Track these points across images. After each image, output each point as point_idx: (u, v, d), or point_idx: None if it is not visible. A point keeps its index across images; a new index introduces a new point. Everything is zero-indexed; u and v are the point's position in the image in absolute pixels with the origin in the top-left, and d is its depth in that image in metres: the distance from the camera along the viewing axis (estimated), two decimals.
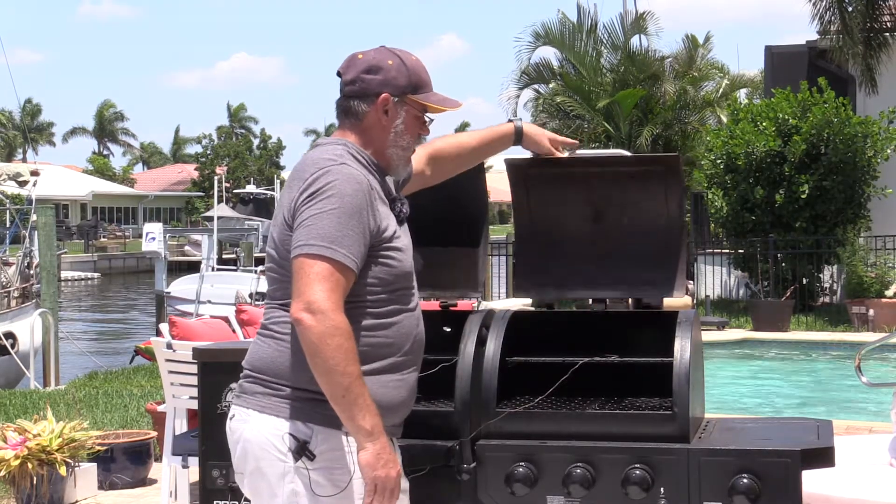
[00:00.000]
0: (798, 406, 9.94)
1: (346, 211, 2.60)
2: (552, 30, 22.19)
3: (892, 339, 10.18)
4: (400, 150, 2.78)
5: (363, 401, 2.54)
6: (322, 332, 2.51)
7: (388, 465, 2.56)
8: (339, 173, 2.64)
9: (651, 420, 2.99)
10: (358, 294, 2.65)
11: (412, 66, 2.78)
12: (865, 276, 14.70)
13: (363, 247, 2.62)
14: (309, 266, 2.56)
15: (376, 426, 2.55)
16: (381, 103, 2.75)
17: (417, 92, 2.77)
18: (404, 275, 2.73)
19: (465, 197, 3.41)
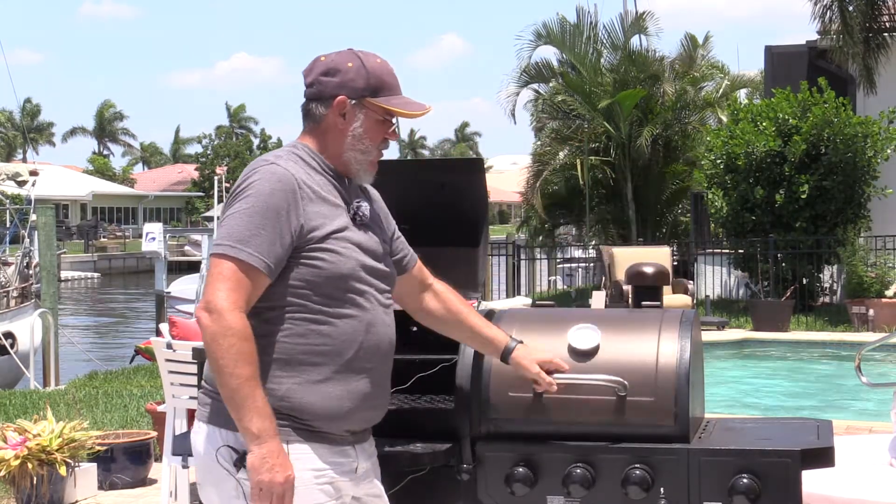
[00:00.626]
0: (798, 406, 9.94)
1: (261, 210, 2.57)
2: (553, 29, 22.18)
3: (892, 339, 10.18)
4: (358, 154, 2.73)
5: (251, 403, 2.49)
6: (215, 332, 2.50)
7: (273, 469, 2.50)
8: (263, 172, 2.62)
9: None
10: (281, 297, 2.61)
11: (373, 68, 2.73)
12: (865, 276, 14.70)
13: (279, 247, 2.57)
14: (215, 266, 2.55)
15: (264, 430, 2.49)
16: (338, 106, 2.71)
17: (377, 95, 2.72)
18: (338, 277, 2.63)
19: (466, 197, 3.41)
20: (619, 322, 3.21)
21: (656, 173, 22.14)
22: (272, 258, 2.56)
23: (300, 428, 2.61)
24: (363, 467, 2.72)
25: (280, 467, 2.50)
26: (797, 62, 18.84)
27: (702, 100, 22.76)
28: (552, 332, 3.15)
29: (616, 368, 3.01)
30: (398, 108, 2.72)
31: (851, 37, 15.52)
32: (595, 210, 22.43)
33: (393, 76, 2.75)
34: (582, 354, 3.05)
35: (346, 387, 2.64)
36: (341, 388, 2.64)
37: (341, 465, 2.66)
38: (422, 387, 3.25)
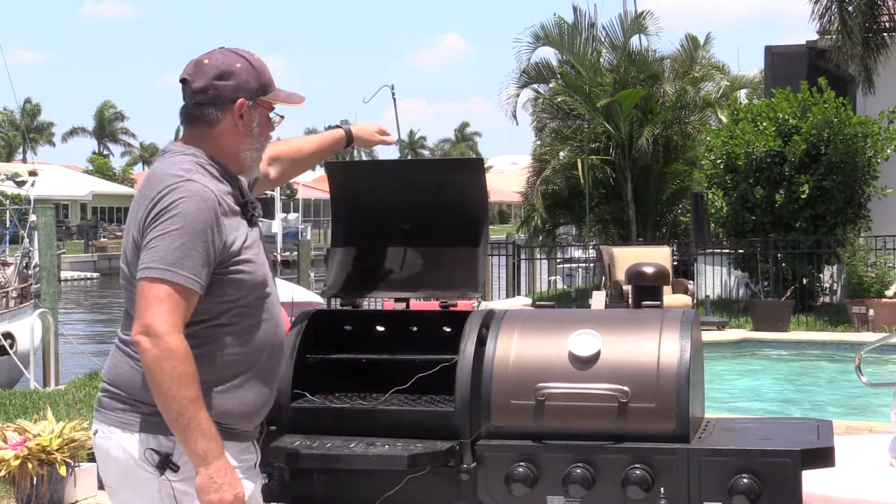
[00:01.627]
0: (798, 406, 9.94)
1: (190, 231, 2.60)
2: (551, 31, 22.18)
3: (892, 339, 10.18)
4: (254, 152, 2.82)
5: (196, 424, 2.54)
6: (157, 356, 2.53)
7: (221, 488, 2.55)
8: (185, 191, 2.63)
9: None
10: (209, 311, 2.66)
11: (259, 66, 2.80)
12: (865, 276, 14.70)
13: (208, 266, 2.62)
14: (149, 289, 2.57)
15: (210, 451, 2.55)
16: (237, 109, 2.75)
17: (267, 92, 2.80)
18: (257, 285, 2.73)
19: (466, 197, 3.41)
20: (619, 323, 3.21)
21: (656, 173, 22.14)
22: (204, 278, 2.62)
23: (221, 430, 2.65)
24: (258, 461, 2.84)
25: (228, 485, 2.56)
26: (797, 62, 18.83)
27: (702, 100, 22.75)
28: (552, 333, 3.15)
29: (617, 373, 3.01)
30: (286, 101, 2.83)
31: (851, 37, 15.51)
32: (595, 210, 22.43)
33: (269, 72, 2.84)
34: (583, 361, 3.05)
35: (259, 389, 2.75)
36: (256, 388, 2.74)
37: (249, 461, 2.76)
38: (422, 387, 3.25)
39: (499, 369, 3.09)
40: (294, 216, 51.37)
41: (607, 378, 3.00)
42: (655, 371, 3.00)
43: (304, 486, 3.22)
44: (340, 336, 3.46)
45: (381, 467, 2.99)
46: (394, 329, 3.50)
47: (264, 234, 2.96)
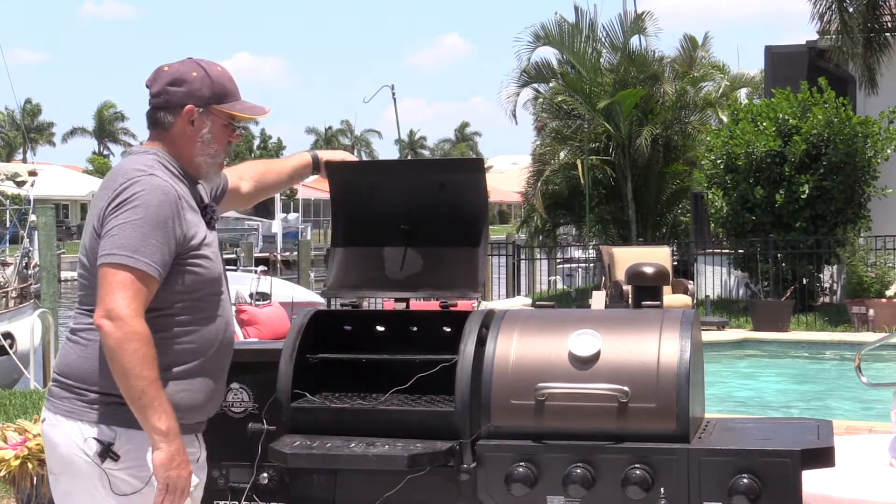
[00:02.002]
0: (798, 406, 9.94)
1: (150, 221, 2.71)
2: (551, 30, 22.18)
3: (892, 339, 10.18)
4: (209, 158, 2.92)
5: (158, 403, 2.67)
6: (120, 338, 2.64)
7: (180, 465, 2.70)
8: (146, 184, 2.75)
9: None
10: (165, 301, 2.77)
11: (216, 76, 2.89)
12: (865, 276, 14.70)
13: (167, 255, 2.74)
14: (111, 275, 2.68)
15: (171, 428, 2.68)
16: (186, 114, 2.87)
17: (222, 102, 2.89)
18: (211, 281, 2.85)
19: (466, 197, 3.41)
20: (619, 323, 3.21)
21: (656, 173, 22.14)
22: (163, 266, 2.73)
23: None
24: (202, 456, 2.93)
25: (185, 463, 2.72)
26: (797, 62, 18.83)
27: (702, 100, 22.76)
28: (552, 333, 3.15)
29: (617, 373, 3.01)
30: (243, 113, 2.92)
31: (851, 37, 15.51)
32: (595, 210, 22.43)
33: (233, 83, 2.94)
34: (583, 361, 3.05)
35: (205, 382, 2.86)
36: (201, 383, 2.85)
37: (193, 455, 2.85)
38: (422, 387, 3.25)
39: (499, 369, 3.09)
40: (294, 216, 51.38)
41: (607, 378, 3.01)
42: (655, 371, 3.00)
43: (304, 486, 3.22)
44: (340, 336, 3.46)
45: (381, 467, 2.99)
46: (394, 329, 3.49)
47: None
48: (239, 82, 3.01)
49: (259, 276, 18.97)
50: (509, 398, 3.06)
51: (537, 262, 23.84)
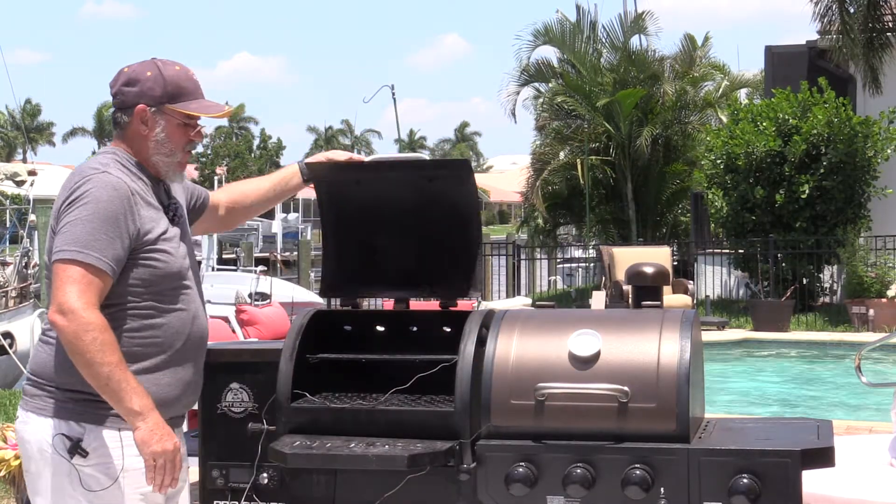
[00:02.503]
0: (798, 406, 9.95)
1: (101, 216, 2.76)
2: (552, 29, 22.19)
3: (892, 339, 10.19)
4: (164, 157, 2.93)
5: (126, 384, 2.70)
6: (75, 330, 2.68)
7: (163, 439, 2.74)
8: (97, 181, 2.80)
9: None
10: (121, 295, 2.81)
11: (171, 76, 2.91)
12: (865, 276, 14.71)
13: (120, 250, 2.78)
14: (62, 270, 2.73)
15: (145, 405, 2.72)
16: (138, 114, 2.90)
17: (175, 101, 2.90)
18: (171, 275, 2.87)
19: (456, 199, 3.40)
20: (619, 323, 3.20)
21: (656, 173, 22.15)
22: (115, 260, 2.77)
23: None
24: (182, 451, 2.95)
25: (168, 436, 2.76)
26: (797, 62, 18.84)
27: (702, 100, 22.76)
28: (552, 333, 3.15)
29: (617, 373, 3.01)
30: (196, 112, 2.92)
31: (851, 37, 15.51)
32: (595, 210, 22.43)
33: (191, 81, 2.94)
34: (583, 361, 3.05)
35: (174, 376, 2.89)
36: (170, 376, 2.88)
37: None
38: (422, 387, 3.25)
39: (499, 369, 3.09)
40: (294, 216, 51.35)
41: (607, 378, 3.00)
42: (655, 371, 3.00)
43: (304, 486, 3.22)
44: (340, 336, 3.46)
45: (381, 467, 2.99)
46: (394, 329, 3.49)
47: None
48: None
49: (259, 276, 18.97)
50: (509, 398, 3.06)
51: (537, 262, 23.85)
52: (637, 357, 3.04)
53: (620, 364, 3.03)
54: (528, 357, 3.10)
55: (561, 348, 3.09)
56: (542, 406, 3.02)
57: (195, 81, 2.95)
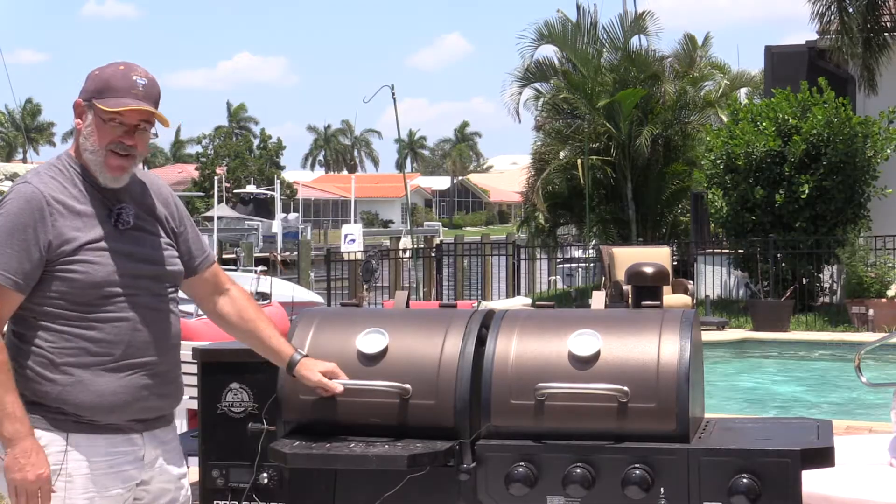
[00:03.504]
0: (798, 406, 9.94)
1: (7, 229, 2.74)
2: (554, 28, 22.19)
3: (892, 339, 10.18)
4: (90, 155, 2.88)
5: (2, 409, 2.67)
6: None
7: (24, 468, 2.68)
8: (14, 193, 2.81)
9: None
10: (42, 305, 2.79)
11: (108, 73, 2.88)
12: (865, 276, 14.70)
13: (27, 263, 2.74)
14: None
15: (16, 432, 2.68)
16: (76, 108, 2.90)
17: (100, 97, 2.85)
18: (94, 285, 2.80)
19: None
20: (619, 323, 3.21)
21: (656, 173, 22.14)
22: (20, 275, 2.74)
23: (82, 423, 2.80)
24: (151, 454, 2.92)
25: (31, 466, 2.70)
26: (797, 62, 18.83)
27: (702, 99, 22.75)
28: (552, 333, 3.15)
29: (617, 373, 3.01)
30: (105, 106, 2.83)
31: (850, 37, 15.50)
32: (595, 210, 22.43)
33: (127, 80, 2.86)
34: (583, 361, 3.05)
35: (119, 382, 2.83)
36: (115, 383, 2.82)
37: (125, 454, 2.86)
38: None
39: (499, 369, 3.09)
40: (294, 216, 51.38)
41: (607, 378, 3.01)
42: (655, 371, 3.01)
43: (304, 486, 3.22)
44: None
45: (381, 467, 2.99)
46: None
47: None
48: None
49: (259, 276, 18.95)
50: (509, 398, 3.06)
51: (537, 262, 23.84)
52: (637, 357, 3.04)
53: (620, 364, 3.04)
54: (528, 357, 3.11)
55: (561, 348, 3.09)
56: (542, 406, 3.02)
57: (131, 82, 2.86)
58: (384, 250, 24.26)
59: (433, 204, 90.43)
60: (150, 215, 2.98)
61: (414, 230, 34.74)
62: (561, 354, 3.08)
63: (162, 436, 2.98)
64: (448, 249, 22.53)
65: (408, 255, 22.84)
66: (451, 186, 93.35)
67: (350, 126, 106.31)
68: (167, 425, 3.01)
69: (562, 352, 3.08)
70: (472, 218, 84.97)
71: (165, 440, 2.99)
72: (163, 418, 2.98)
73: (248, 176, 66.06)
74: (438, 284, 20.71)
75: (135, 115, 2.85)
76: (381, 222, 76.63)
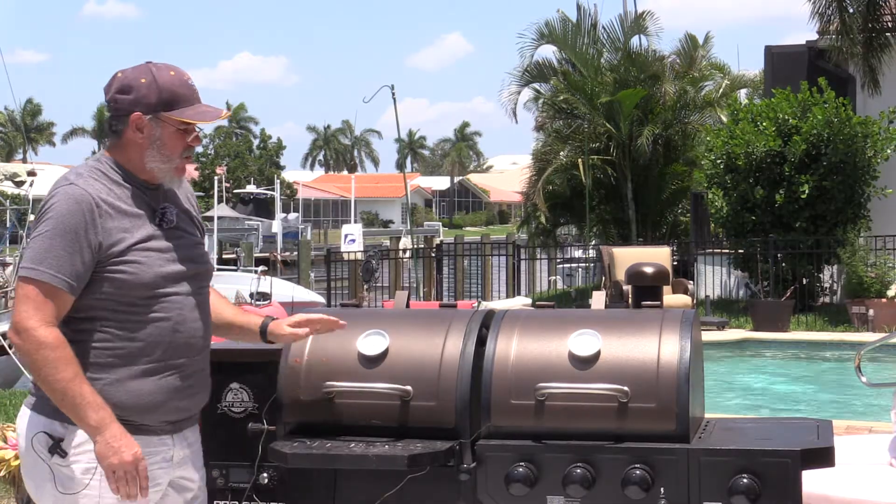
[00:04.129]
0: (798, 406, 9.94)
1: (59, 231, 2.76)
2: (555, 28, 22.19)
3: (892, 339, 10.17)
4: (161, 164, 2.89)
5: (81, 399, 2.71)
6: (28, 350, 2.73)
7: (119, 451, 2.73)
8: (61, 194, 2.81)
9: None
10: (89, 308, 2.82)
11: (166, 83, 2.87)
12: (865, 276, 14.69)
13: (80, 265, 2.77)
14: (20, 289, 2.77)
15: (101, 418, 2.72)
16: (133, 122, 2.87)
17: (171, 108, 2.86)
18: (142, 285, 2.82)
19: None
20: (619, 323, 3.21)
21: (656, 173, 22.14)
22: (72, 276, 2.76)
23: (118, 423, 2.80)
24: (179, 455, 2.94)
25: (126, 447, 2.74)
26: (797, 62, 18.82)
27: (702, 100, 22.75)
28: (552, 333, 3.15)
29: (617, 373, 3.01)
30: (191, 119, 2.87)
31: (850, 37, 15.48)
32: (595, 210, 22.43)
33: (187, 87, 2.90)
34: (583, 361, 3.05)
35: (157, 382, 2.85)
36: (152, 384, 2.85)
37: (158, 454, 2.88)
38: None
39: (499, 369, 3.09)
40: (294, 216, 51.39)
41: (607, 378, 3.01)
42: (655, 371, 3.01)
43: (304, 486, 3.22)
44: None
45: (381, 467, 2.99)
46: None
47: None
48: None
49: (259, 276, 18.96)
50: (509, 398, 3.06)
51: (537, 262, 23.84)
52: (637, 357, 3.04)
53: (620, 364, 3.04)
54: (528, 357, 3.11)
55: (561, 348, 3.09)
56: (542, 406, 3.02)
57: (191, 86, 2.91)
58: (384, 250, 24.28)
59: (433, 204, 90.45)
60: (186, 214, 3.02)
61: (414, 230, 34.72)
62: (561, 354, 3.08)
63: (190, 436, 3.00)
64: (448, 249, 22.54)
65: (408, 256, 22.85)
66: (451, 186, 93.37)
67: (350, 126, 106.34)
68: (193, 425, 3.03)
69: (562, 352, 3.08)
70: (472, 218, 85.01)
71: (192, 441, 3.01)
72: (191, 418, 3.00)
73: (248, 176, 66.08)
74: (438, 284, 20.72)
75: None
76: (381, 222, 76.64)
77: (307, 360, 3.22)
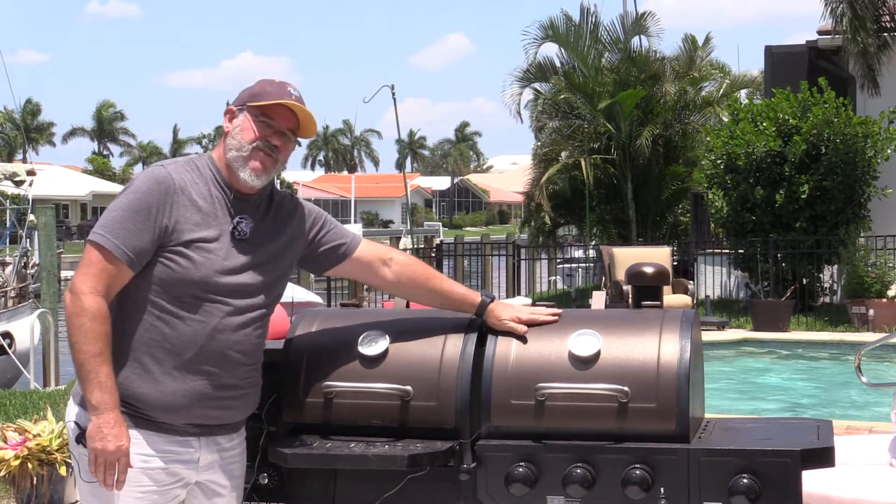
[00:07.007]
0: (798, 406, 9.94)
1: (133, 206, 2.82)
2: (558, 27, 22.20)
3: (892, 339, 10.17)
4: (234, 152, 2.94)
5: (94, 377, 2.73)
6: (71, 312, 2.76)
7: (106, 438, 2.73)
8: (148, 173, 2.90)
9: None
10: (136, 288, 2.84)
11: (264, 83, 3.00)
12: (866, 276, 14.70)
13: (147, 242, 2.81)
14: (86, 251, 2.82)
15: (103, 402, 2.73)
16: (227, 114, 2.98)
17: (256, 100, 2.96)
18: (190, 282, 2.83)
19: None
20: (619, 323, 3.20)
21: (656, 173, 22.15)
22: (134, 251, 2.79)
23: (135, 416, 2.83)
24: (207, 459, 2.93)
25: (113, 436, 2.74)
26: (797, 62, 18.83)
27: (702, 100, 22.76)
28: (553, 333, 3.15)
29: (617, 373, 3.01)
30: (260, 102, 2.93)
31: (858, 36, 15.47)
32: (595, 210, 22.43)
33: (277, 85, 2.98)
34: (583, 361, 3.05)
35: (182, 385, 2.84)
36: (177, 385, 2.84)
37: (179, 454, 2.87)
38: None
39: (499, 369, 3.09)
40: None
41: (607, 378, 3.00)
42: (655, 371, 3.00)
43: (304, 486, 3.22)
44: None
45: (381, 467, 2.99)
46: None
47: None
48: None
49: None
50: (509, 398, 3.06)
51: (537, 262, 23.84)
52: (637, 357, 3.04)
53: (620, 364, 3.03)
54: (528, 357, 3.11)
55: (561, 348, 3.09)
56: (542, 406, 3.02)
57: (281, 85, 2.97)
58: None
59: (433, 204, 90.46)
60: (271, 234, 3.02)
61: (414, 230, 34.72)
62: (561, 354, 3.08)
63: (224, 442, 2.97)
64: (448, 250, 22.55)
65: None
66: (451, 186, 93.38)
67: (350, 126, 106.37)
68: (232, 433, 3.00)
69: (562, 352, 3.08)
70: (472, 218, 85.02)
71: (226, 447, 2.98)
72: (226, 426, 2.97)
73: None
74: None
75: (286, 117, 2.95)
76: (381, 222, 76.62)
77: (307, 360, 3.22)
